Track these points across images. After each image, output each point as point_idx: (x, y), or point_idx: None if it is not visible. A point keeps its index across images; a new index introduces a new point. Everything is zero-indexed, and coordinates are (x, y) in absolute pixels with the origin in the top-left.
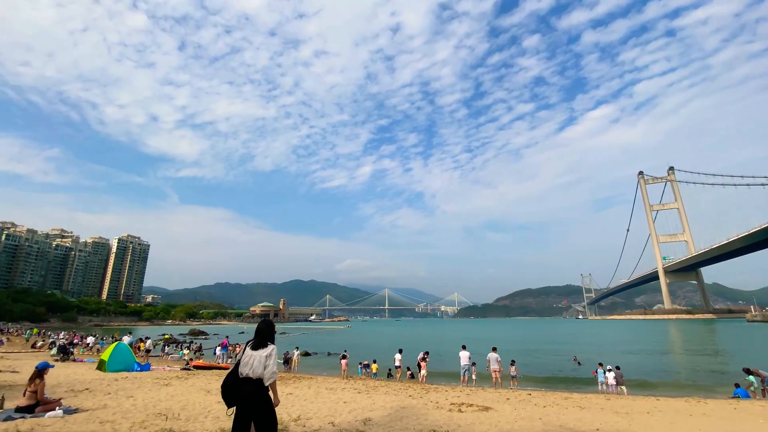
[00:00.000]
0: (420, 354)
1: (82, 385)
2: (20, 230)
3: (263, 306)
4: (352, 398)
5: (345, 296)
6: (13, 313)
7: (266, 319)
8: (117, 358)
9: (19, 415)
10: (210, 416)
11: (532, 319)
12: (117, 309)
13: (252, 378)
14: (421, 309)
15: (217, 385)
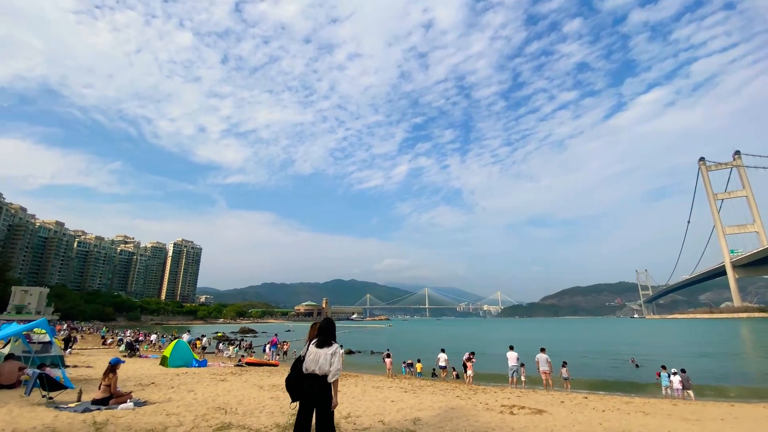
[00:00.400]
0: (465, 354)
1: (149, 379)
2: (90, 238)
3: (307, 305)
4: (399, 397)
5: (385, 295)
6: (85, 313)
7: (328, 318)
8: (177, 354)
9: (96, 406)
10: (264, 411)
11: (583, 318)
12: (174, 309)
13: (318, 374)
14: (463, 308)
15: (269, 381)
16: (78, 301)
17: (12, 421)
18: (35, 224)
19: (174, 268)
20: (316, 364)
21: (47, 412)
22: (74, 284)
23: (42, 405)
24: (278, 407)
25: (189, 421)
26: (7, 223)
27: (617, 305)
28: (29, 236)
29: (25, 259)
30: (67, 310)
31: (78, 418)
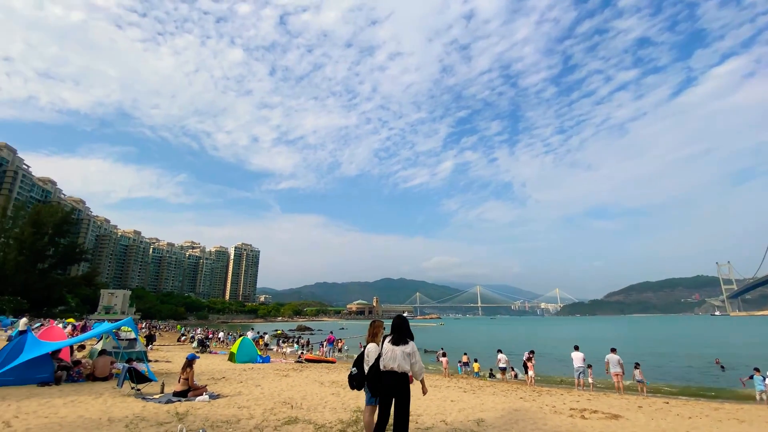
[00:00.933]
0: (525, 354)
1: (220, 374)
2: (162, 244)
3: (358, 303)
4: (459, 397)
5: (435, 294)
6: (161, 312)
7: (400, 315)
8: (243, 350)
9: (176, 398)
10: (327, 407)
11: (655, 316)
12: (238, 308)
13: (397, 372)
14: (518, 306)
15: (328, 378)
16: (155, 302)
17: (107, 410)
18: (117, 234)
19: (236, 270)
20: (394, 361)
21: (136, 403)
22: (151, 286)
23: (131, 396)
24: (340, 403)
25: (259, 414)
26: (95, 234)
27: (695, 301)
28: (113, 245)
29: (110, 265)
30: (146, 310)
31: (162, 408)
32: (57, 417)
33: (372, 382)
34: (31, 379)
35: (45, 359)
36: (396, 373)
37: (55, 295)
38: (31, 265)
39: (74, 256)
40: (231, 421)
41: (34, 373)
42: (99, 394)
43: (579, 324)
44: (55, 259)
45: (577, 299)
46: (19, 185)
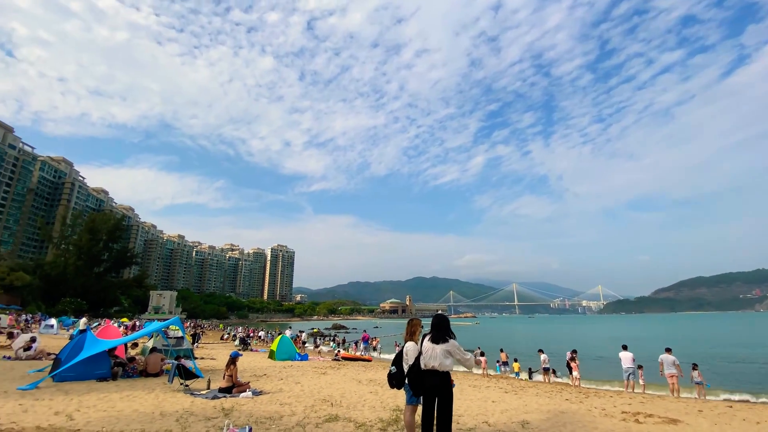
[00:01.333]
0: (568, 353)
1: (261, 371)
2: (204, 247)
3: (391, 302)
4: (500, 398)
5: (469, 292)
6: (205, 312)
7: (439, 313)
8: (282, 348)
9: (222, 394)
10: (366, 405)
11: (710, 314)
12: (275, 307)
13: (438, 371)
14: (558, 305)
15: (365, 376)
16: (199, 302)
17: (159, 404)
18: (163, 238)
19: (272, 270)
20: (435, 359)
21: (185, 398)
22: (195, 287)
23: (180, 391)
24: (379, 402)
25: (300, 411)
26: (144, 239)
27: (755, 297)
28: (160, 248)
29: (158, 267)
30: (191, 310)
31: (209, 404)
32: (114, 411)
33: (413, 382)
34: (91, 375)
35: (103, 356)
36: (437, 372)
37: (110, 297)
38: (89, 269)
39: (126, 260)
40: (274, 418)
41: (93, 369)
42: (151, 390)
43: (625, 322)
44: (109, 263)
45: (622, 296)
46: (76, 196)
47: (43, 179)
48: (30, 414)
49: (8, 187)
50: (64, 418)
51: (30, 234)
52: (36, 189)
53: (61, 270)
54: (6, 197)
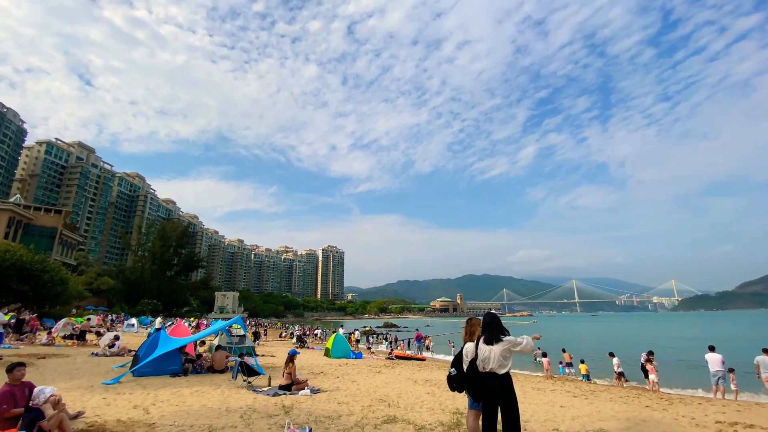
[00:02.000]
0: (643, 355)
1: (318, 368)
2: (261, 250)
3: (441, 301)
4: (569, 402)
5: (524, 289)
6: (264, 311)
7: (490, 312)
8: (338, 346)
9: (282, 391)
10: (425, 407)
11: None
12: (328, 306)
13: (497, 373)
14: (624, 301)
15: (421, 376)
16: (258, 302)
17: (225, 400)
18: (225, 243)
19: (324, 270)
20: (492, 362)
21: (248, 395)
22: (255, 288)
23: (243, 388)
24: (437, 403)
25: (358, 410)
26: (208, 244)
27: None
28: (222, 252)
29: (221, 270)
30: (252, 309)
31: (270, 401)
32: (185, 405)
33: (471, 386)
34: (165, 371)
35: (175, 353)
36: (496, 375)
37: (181, 298)
38: (162, 273)
39: (193, 264)
40: (332, 417)
41: (166, 365)
42: (218, 386)
43: (706, 320)
44: (179, 267)
45: (701, 291)
46: (148, 207)
47: (121, 193)
48: (112, 407)
49: (93, 201)
50: (142, 411)
51: (112, 243)
52: (116, 202)
53: (139, 274)
54: (92, 211)
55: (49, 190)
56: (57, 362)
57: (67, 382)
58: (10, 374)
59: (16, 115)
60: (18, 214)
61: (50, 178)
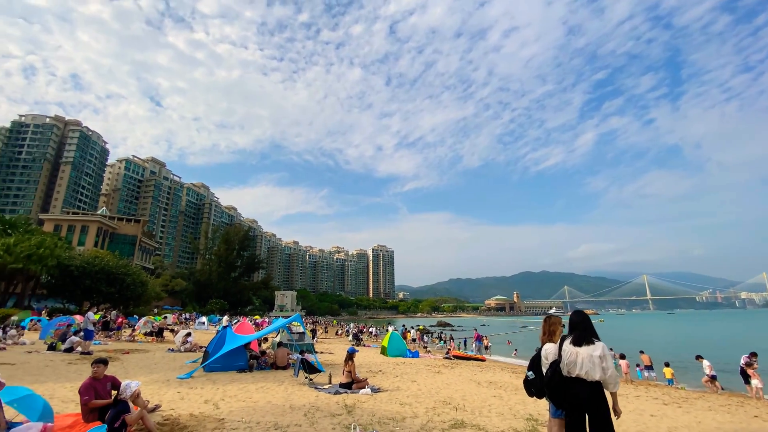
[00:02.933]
0: (743, 358)
1: (376, 367)
2: (315, 251)
3: (497, 299)
4: (660, 411)
5: (587, 286)
6: (320, 309)
7: (578, 310)
8: (393, 344)
9: (343, 390)
10: (493, 411)
11: None
12: (380, 304)
13: (586, 380)
14: (707, 297)
15: (484, 377)
16: (314, 301)
17: (288, 397)
18: (282, 245)
19: (375, 269)
20: (580, 367)
21: (310, 392)
22: (310, 287)
23: (305, 385)
24: (507, 408)
25: (422, 413)
26: (266, 246)
27: None
28: (279, 254)
29: (279, 270)
30: (309, 308)
31: (332, 399)
32: (251, 401)
33: (553, 392)
34: (232, 366)
35: (240, 350)
36: (585, 382)
37: (245, 298)
38: (227, 274)
39: (254, 265)
40: (396, 419)
41: (233, 361)
42: (281, 382)
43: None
44: (242, 268)
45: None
46: (213, 213)
47: (189, 202)
48: (185, 401)
49: (166, 211)
50: (212, 406)
51: (183, 247)
52: (185, 211)
53: (207, 276)
54: (165, 219)
55: (129, 202)
56: (138, 357)
57: (146, 376)
58: (91, 368)
59: (99, 137)
60: (105, 224)
61: (130, 191)
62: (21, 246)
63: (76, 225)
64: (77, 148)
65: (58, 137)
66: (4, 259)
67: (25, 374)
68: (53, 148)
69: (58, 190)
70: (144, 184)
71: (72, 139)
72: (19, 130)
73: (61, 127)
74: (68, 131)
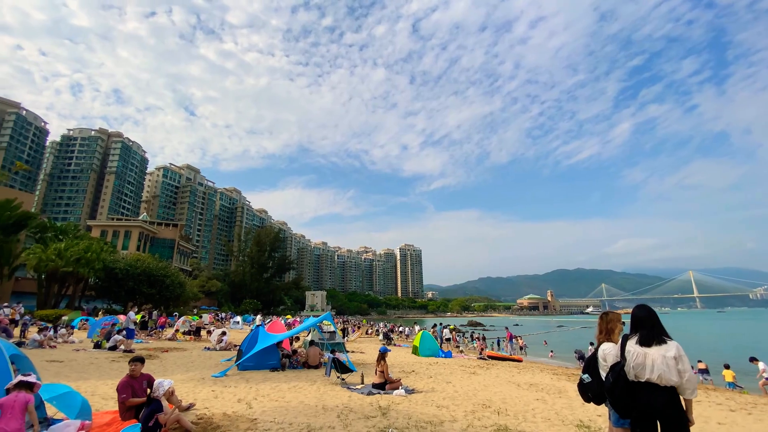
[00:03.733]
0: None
1: (409, 367)
2: (343, 251)
3: (530, 298)
4: (728, 418)
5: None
6: (349, 308)
7: (642, 304)
8: (425, 344)
9: (376, 390)
10: (538, 416)
11: None
12: (409, 304)
13: (658, 385)
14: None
15: (523, 379)
16: (344, 300)
17: (321, 397)
18: (311, 246)
19: (403, 269)
20: (650, 370)
21: (343, 392)
22: (339, 287)
23: (338, 384)
24: (553, 413)
25: (461, 416)
26: (296, 248)
27: None
28: (309, 255)
29: (309, 271)
30: (338, 307)
31: (365, 400)
32: (284, 401)
33: (619, 399)
34: (265, 365)
35: (273, 349)
36: (657, 388)
37: (277, 297)
38: (260, 275)
39: (285, 266)
40: (434, 422)
41: (266, 360)
42: (313, 381)
43: None
44: (273, 269)
45: None
46: (245, 217)
47: (222, 207)
48: (219, 400)
49: (201, 215)
50: (245, 406)
51: (218, 250)
52: (219, 214)
53: (241, 277)
54: (200, 223)
55: (168, 208)
56: (177, 355)
57: (183, 373)
58: (129, 367)
59: (139, 147)
60: (146, 229)
61: (168, 197)
62: (71, 251)
63: (120, 230)
64: (119, 158)
65: (103, 148)
66: (56, 263)
67: (71, 371)
68: (98, 158)
69: (103, 198)
70: (180, 190)
71: (115, 149)
72: (68, 143)
73: (105, 138)
74: (111, 142)
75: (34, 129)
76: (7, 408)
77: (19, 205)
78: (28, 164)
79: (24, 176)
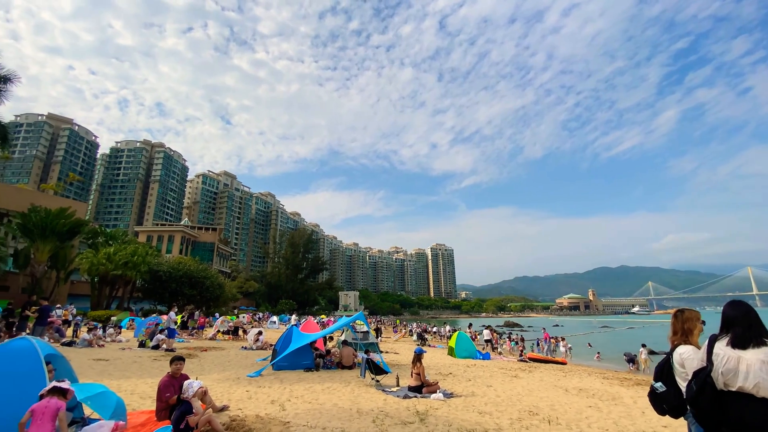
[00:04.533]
0: None
1: (446, 369)
2: (375, 252)
3: (570, 297)
4: None
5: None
6: (382, 309)
7: (737, 300)
8: (461, 345)
9: (413, 393)
10: (593, 426)
11: None
12: (442, 304)
13: (754, 395)
14: None
15: (570, 383)
16: (376, 300)
17: (355, 400)
18: (343, 247)
19: (435, 269)
20: (744, 377)
21: (377, 395)
22: (371, 287)
23: (372, 386)
24: (610, 422)
25: (506, 425)
26: (329, 249)
27: None
28: (341, 256)
29: (342, 272)
30: (371, 307)
31: (402, 404)
32: (317, 403)
33: (705, 411)
34: (299, 365)
35: (307, 348)
36: (754, 399)
37: (311, 298)
38: (294, 276)
39: (318, 267)
40: (477, 430)
41: (300, 359)
42: (347, 383)
43: None
44: (307, 270)
45: None
46: (280, 220)
47: (258, 211)
48: (253, 401)
49: (239, 219)
50: (278, 407)
51: (255, 252)
52: (255, 218)
53: (277, 278)
54: (238, 227)
55: (207, 213)
56: (215, 354)
57: (220, 373)
58: (170, 366)
59: (180, 156)
60: (187, 233)
61: (207, 203)
62: (119, 255)
63: (164, 235)
64: (162, 167)
65: (147, 159)
66: (106, 266)
67: (115, 369)
68: (143, 168)
69: (149, 205)
70: (219, 195)
71: (158, 159)
72: (116, 155)
73: (149, 149)
74: (155, 153)
75: (86, 143)
76: (38, 414)
77: (73, 213)
78: (81, 176)
79: (78, 186)
